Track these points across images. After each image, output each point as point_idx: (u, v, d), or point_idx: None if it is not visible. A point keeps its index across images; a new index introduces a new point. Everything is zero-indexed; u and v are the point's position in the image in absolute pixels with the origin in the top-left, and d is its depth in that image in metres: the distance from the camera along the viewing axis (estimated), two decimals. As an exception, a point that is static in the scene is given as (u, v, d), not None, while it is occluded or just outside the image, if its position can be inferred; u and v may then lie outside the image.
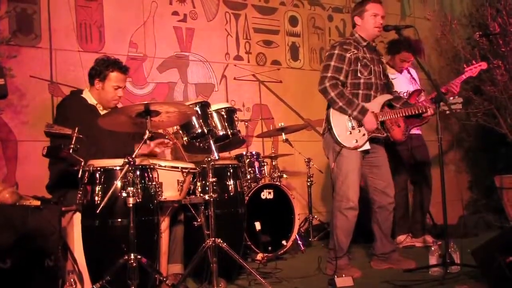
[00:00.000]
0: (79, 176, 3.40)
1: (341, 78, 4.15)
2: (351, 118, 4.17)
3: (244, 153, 5.33)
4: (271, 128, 6.13)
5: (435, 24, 7.41)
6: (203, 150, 4.03)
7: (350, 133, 4.16)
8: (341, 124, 4.17)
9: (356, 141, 4.14)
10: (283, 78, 6.76)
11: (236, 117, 4.26)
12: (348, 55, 4.16)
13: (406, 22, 7.63)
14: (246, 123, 5.74)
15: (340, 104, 4.10)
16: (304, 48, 7.00)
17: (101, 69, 3.99)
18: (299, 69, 6.93)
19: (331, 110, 4.19)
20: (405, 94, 5.20)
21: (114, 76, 4.00)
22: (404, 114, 4.26)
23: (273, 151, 5.69)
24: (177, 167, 3.74)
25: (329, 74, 4.14)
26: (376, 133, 4.21)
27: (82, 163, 3.42)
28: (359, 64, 4.19)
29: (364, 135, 4.17)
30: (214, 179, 3.72)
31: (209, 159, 3.73)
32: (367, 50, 4.28)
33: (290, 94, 6.75)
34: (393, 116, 4.23)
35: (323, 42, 7.15)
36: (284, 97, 6.70)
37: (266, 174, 5.37)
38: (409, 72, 5.51)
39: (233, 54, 6.48)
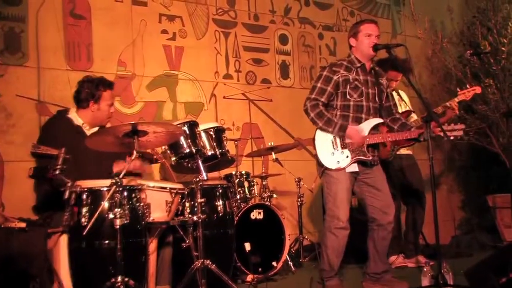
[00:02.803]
0: (66, 197, 3.38)
1: (323, 99, 4.20)
2: (336, 138, 4.20)
3: (234, 172, 5.31)
4: (261, 148, 6.12)
5: (426, 43, 7.44)
6: (191, 170, 4.02)
7: (333, 154, 4.18)
8: (325, 145, 4.20)
9: (338, 163, 4.16)
10: (273, 97, 6.77)
11: (224, 136, 4.27)
12: (335, 77, 4.20)
13: (397, 40, 7.73)
14: (236, 142, 5.74)
15: (320, 124, 4.15)
16: (294, 66, 7.05)
17: (92, 91, 4.01)
18: (289, 87, 6.96)
19: (317, 130, 4.25)
20: None
21: (107, 95, 4.05)
22: (392, 139, 4.29)
23: (263, 170, 5.67)
24: (165, 188, 3.75)
25: (312, 96, 4.21)
26: (360, 156, 4.19)
27: (69, 184, 3.41)
28: (348, 87, 4.21)
29: (347, 157, 4.17)
30: (202, 200, 3.73)
31: (198, 179, 3.74)
32: (361, 72, 4.29)
33: (280, 112, 6.75)
34: (381, 140, 4.23)
35: (313, 60, 7.20)
36: (274, 116, 6.70)
37: (256, 194, 5.36)
38: (397, 93, 5.49)
39: (223, 72, 6.50)
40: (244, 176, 5.31)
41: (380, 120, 4.29)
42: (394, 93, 5.41)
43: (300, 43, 7.14)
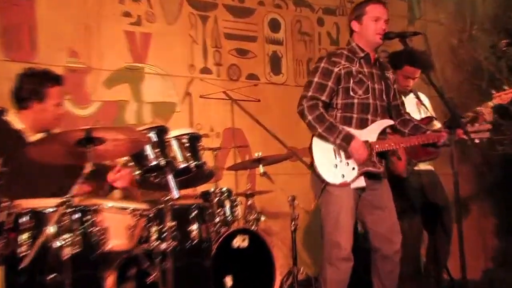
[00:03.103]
0: (1, 220, 3.37)
1: (323, 98, 4.24)
2: (336, 147, 4.23)
3: (212, 189, 5.29)
4: (247, 159, 6.20)
5: (451, 30, 7.49)
6: (160, 186, 4.02)
7: (336, 166, 4.20)
8: (325, 155, 4.22)
9: (343, 176, 4.18)
10: (262, 96, 6.77)
11: (201, 145, 4.29)
12: (336, 69, 4.25)
13: (415, 27, 7.68)
14: (215, 152, 5.77)
15: (319, 130, 4.17)
16: (288, 59, 7.05)
17: (36, 88, 4.01)
18: (281, 84, 6.98)
19: (315, 137, 4.27)
20: None
21: (54, 92, 4.07)
22: (406, 145, 4.34)
23: (248, 187, 5.72)
24: (127, 209, 3.76)
25: (309, 94, 4.23)
26: (369, 167, 4.22)
27: (5, 204, 3.39)
28: (351, 81, 4.26)
29: (354, 169, 4.19)
30: (173, 224, 3.76)
31: (167, 198, 3.76)
32: (365, 63, 4.35)
33: (270, 116, 6.75)
34: (392, 146, 4.28)
35: (311, 51, 7.20)
36: (263, 120, 6.70)
37: (240, 216, 5.36)
38: (416, 95, 5.56)
39: (200, 66, 6.53)
40: (225, 194, 5.31)
41: (390, 122, 4.35)
42: (412, 95, 5.48)
43: (295, 30, 7.14)
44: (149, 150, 3.91)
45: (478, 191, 7.88)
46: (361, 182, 4.21)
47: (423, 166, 5.42)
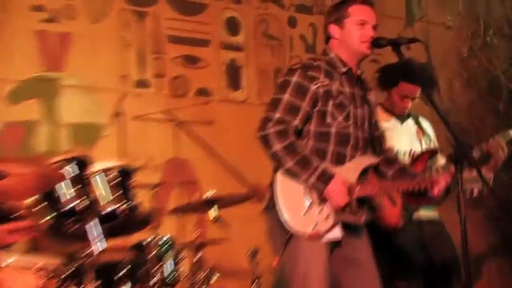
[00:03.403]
0: None
1: (296, 122, 4.16)
2: (309, 187, 4.15)
3: (149, 239, 5.10)
4: (195, 199, 6.17)
5: (460, 35, 7.60)
6: (78, 236, 3.97)
7: (306, 213, 4.09)
8: (293, 197, 4.14)
9: (316, 225, 4.08)
10: (216, 118, 6.82)
11: (135, 181, 4.33)
12: (313, 87, 4.17)
13: (414, 30, 7.79)
14: (154, 190, 5.81)
15: (289, 164, 4.08)
16: (250, 70, 7.13)
17: None
18: (241, 103, 7.04)
19: (279, 173, 4.19)
20: (406, 156, 5.33)
21: None
22: (396, 190, 4.36)
23: (197, 235, 5.68)
24: (33, 265, 3.75)
25: (276, 115, 4.13)
26: (348, 216, 4.15)
27: None
28: (330, 103, 4.21)
29: (328, 217, 4.09)
30: (96, 285, 3.75)
31: (88, 251, 3.75)
32: (346, 81, 4.31)
33: (227, 142, 6.73)
34: (378, 190, 4.24)
35: (280, 59, 7.28)
36: (218, 148, 6.58)
37: (185, 275, 5.25)
38: (415, 120, 5.62)
39: (135, 77, 6.58)
40: (166, 245, 5.20)
41: (375, 160, 4.34)
42: (410, 121, 5.57)
43: (259, 32, 7.23)
44: (64, 189, 3.92)
45: (496, 244, 7.90)
46: (337, 233, 4.14)
47: (424, 212, 5.38)
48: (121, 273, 4.27)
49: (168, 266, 5.17)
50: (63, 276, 3.87)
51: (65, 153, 4.54)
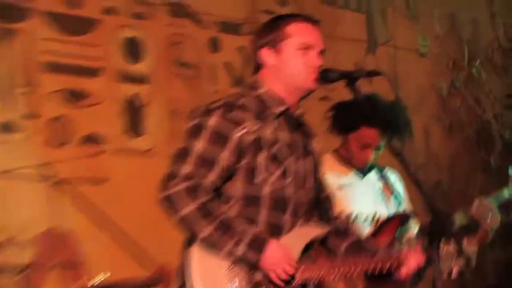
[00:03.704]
0: None
1: (210, 178, 3.72)
2: (233, 261, 3.76)
3: None
4: (81, 286, 5.61)
5: (438, 65, 7.25)
6: None
7: None
8: (213, 279, 3.74)
9: None
10: (110, 174, 6.15)
11: None
12: (237, 133, 3.74)
13: (377, 57, 7.46)
14: (22, 274, 5.51)
15: (205, 231, 3.70)
16: (157, 109, 6.46)
17: None
18: (144, 153, 6.37)
19: (195, 247, 3.76)
20: (367, 223, 5.11)
21: None
22: (350, 271, 3.89)
23: None
24: None
25: (184, 170, 3.71)
26: None
27: None
28: (261, 155, 3.77)
29: None
30: None
31: None
32: (283, 125, 3.89)
33: (124, 208, 6.11)
34: (327, 272, 3.83)
35: (197, 95, 6.59)
36: (112, 215, 6.05)
37: None
38: (381, 175, 5.27)
39: None
40: None
41: (322, 231, 3.98)
42: (373, 174, 5.22)
43: (170, 58, 6.56)
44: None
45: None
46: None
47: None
48: None
49: None
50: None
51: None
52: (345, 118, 5.15)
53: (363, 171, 5.20)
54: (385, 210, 5.18)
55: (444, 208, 3.88)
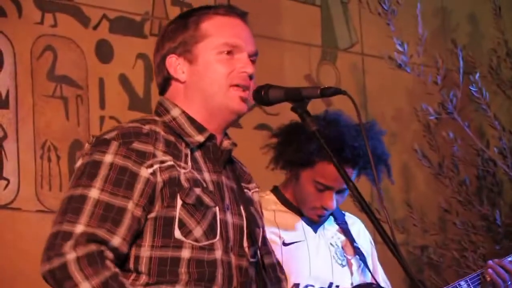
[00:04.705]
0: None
1: (117, 241, 3.14)
2: None
3: None
4: None
5: (421, 80, 6.59)
6: None
7: None
8: None
9: None
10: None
11: None
12: (146, 170, 3.22)
13: (338, 69, 6.78)
14: None
15: None
16: (21, 143, 5.64)
17: None
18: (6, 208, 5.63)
19: None
20: None
21: None
22: None
23: None
24: None
25: (78, 228, 3.13)
26: None
27: None
28: (178, 202, 3.25)
29: None
30: None
31: None
32: (206, 161, 3.42)
33: None
34: None
35: (83, 122, 5.88)
36: None
37: None
38: (341, 227, 4.93)
39: None
40: None
41: None
42: (331, 225, 4.87)
43: (40, 71, 5.62)
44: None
45: None
46: None
47: None
48: None
49: None
50: None
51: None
52: (295, 150, 4.47)
53: (315, 221, 4.56)
54: (346, 277, 4.64)
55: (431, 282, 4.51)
